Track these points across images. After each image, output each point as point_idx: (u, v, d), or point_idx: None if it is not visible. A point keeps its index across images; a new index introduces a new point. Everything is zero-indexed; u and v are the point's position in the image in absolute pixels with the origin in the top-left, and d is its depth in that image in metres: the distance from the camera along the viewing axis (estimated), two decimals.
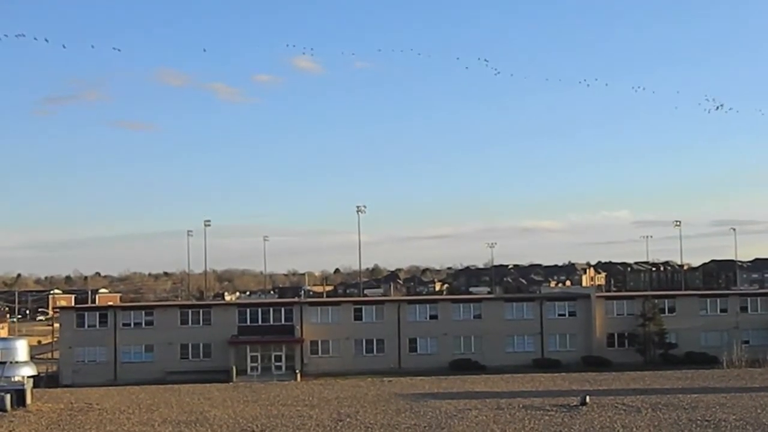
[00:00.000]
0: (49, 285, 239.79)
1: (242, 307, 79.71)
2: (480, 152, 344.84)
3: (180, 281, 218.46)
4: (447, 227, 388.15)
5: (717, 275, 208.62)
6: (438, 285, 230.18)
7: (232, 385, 57.60)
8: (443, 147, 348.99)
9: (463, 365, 72.55)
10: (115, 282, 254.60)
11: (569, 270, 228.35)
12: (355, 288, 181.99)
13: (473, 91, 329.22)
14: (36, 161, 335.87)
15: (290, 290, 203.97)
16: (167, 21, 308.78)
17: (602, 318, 78.56)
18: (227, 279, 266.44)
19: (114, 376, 71.71)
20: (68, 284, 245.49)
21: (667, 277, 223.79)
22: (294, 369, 71.12)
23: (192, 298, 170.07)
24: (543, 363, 74.09)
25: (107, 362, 73.43)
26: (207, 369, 70.70)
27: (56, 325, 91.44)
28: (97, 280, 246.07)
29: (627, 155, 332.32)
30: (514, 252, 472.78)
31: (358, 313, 77.53)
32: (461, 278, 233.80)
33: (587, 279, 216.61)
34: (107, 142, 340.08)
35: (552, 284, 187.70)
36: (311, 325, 75.62)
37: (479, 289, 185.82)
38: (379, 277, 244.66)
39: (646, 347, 75.89)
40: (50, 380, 67.66)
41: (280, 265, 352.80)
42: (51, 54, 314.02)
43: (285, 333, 74.91)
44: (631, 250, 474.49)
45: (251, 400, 44.13)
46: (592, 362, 72.82)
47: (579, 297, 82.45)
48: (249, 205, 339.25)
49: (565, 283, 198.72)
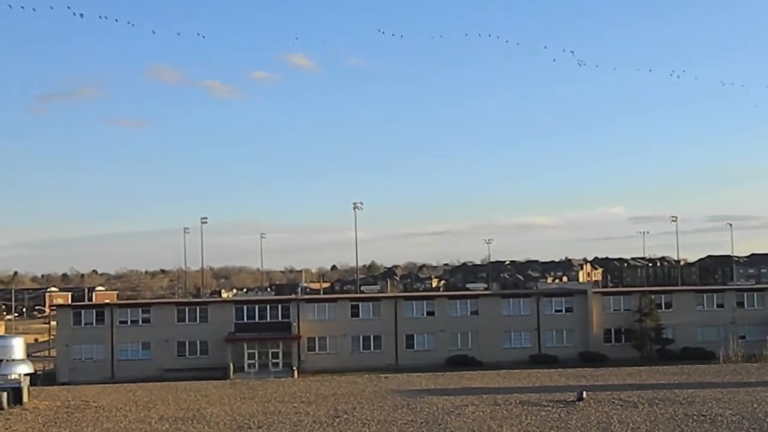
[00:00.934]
0: (46, 283, 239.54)
1: (239, 305, 79.67)
2: (476, 149, 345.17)
3: (177, 279, 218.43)
4: (444, 224, 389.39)
5: (713, 271, 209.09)
6: (435, 281, 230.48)
7: (229, 382, 57.59)
8: (439, 144, 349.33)
9: (460, 361, 72.63)
10: (112, 280, 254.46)
11: (566, 266, 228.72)
12: (352, 285, 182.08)
13: (468, 89, 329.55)
14: (32, 159, 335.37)
15: (287, 287, 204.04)
16: (162, 18, 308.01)
17: (599, 314, 78.69)
18: (224, 276, 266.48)
19: (111, 374, 71.65)
20: (65, 282, 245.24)
21: (664, 273, 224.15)
22: (291, 366, 71.15)
23: (189, 296, 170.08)
24: (540, 359, 74.20)
25: (104, 360, 73.38)
26: (204, 366, 70.71)
27: (53, 323, 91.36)
28: (94, 278, 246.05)
29: (622, 151, 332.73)
30: (511, 248, 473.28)
31: (355, 310, 77.55)
32: (458, 275, 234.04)
33: (584, 275, 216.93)
34: (103, 140, 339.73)
35: (549, 280, 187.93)
36: (308, 322, 75.64)
37: (476, 286, 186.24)
38: (376, 274, 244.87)
39: (643, 343, 76.01)
40: (47, 378, 67.66)
41: (277, 263, 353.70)
42: (46, 51, 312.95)
43: (282, 330, 74.91)
44: (628, 246, 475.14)
45: (248, 397, 44.14)
46: (589, 358, 72.96)
47: (576, 293, 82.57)
48: (245, 203, 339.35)
49: (562, 279, 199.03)
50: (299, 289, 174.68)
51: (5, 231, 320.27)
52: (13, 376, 41.51)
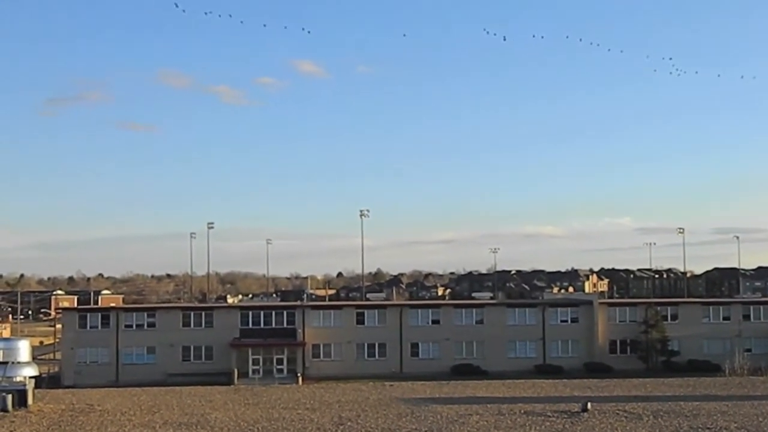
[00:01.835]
0: (52, 286, 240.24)
1: (244, 310, 79.81)
2: (483, 157, 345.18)
3: (182, 283, 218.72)
4: (450, 232, 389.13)
5: (720, 283, 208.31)
6: (440, 290, 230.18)
7: (234, 388, 57.57)
8: (446, 151, 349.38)
9: (465, 370, 72.52)
10: (118, 283, 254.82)
11: (572, 276, 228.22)
12: (358, 292, 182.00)
13: (475, 96, 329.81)
14: (39, 162, 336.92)
15: (293, 293, 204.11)
16: (171, 22, 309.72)
17: (604, 324, 78.50)
18: (230, 282, 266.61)
19: (116, 378, 71.81)
20: (71, 285, 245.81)
21: (670, 285, 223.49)
22: (296, 372, 71.15)
23: (194, 301, 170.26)
24: (545, 369, 74.02)
25: (109, 363, 73.57)
26: (208, 371, 70.78)
27: (58, 326, 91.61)
28: (100, 282, 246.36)
29: (630, 161, 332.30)
30: (517, 257, 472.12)
31: (360, 317, 77.56)
32: (464, 283, 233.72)
33: (590, 285, 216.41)
34: (111, 144, 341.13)
35: (554, 290, 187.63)
36: (313, 329, 75.66)
37: (482, 295, 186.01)
38: (382, 282, 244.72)
39: (649, 354, 75.79)
40: (52, 381, 67.73)
41: (283, 269, 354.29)
42: (54, 54, 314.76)
43: (287, 336, 74.95)
44: (634, 257, 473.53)
45: (252, 403, 44.15)
46: (594, 369, 72.74)
47: (581, 303, 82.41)
48: (252, 208, 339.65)
49: (568, 289, 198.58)
50: (305, 296, 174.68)
51: (12, 233, 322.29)
52: (18, 379, 41.52)
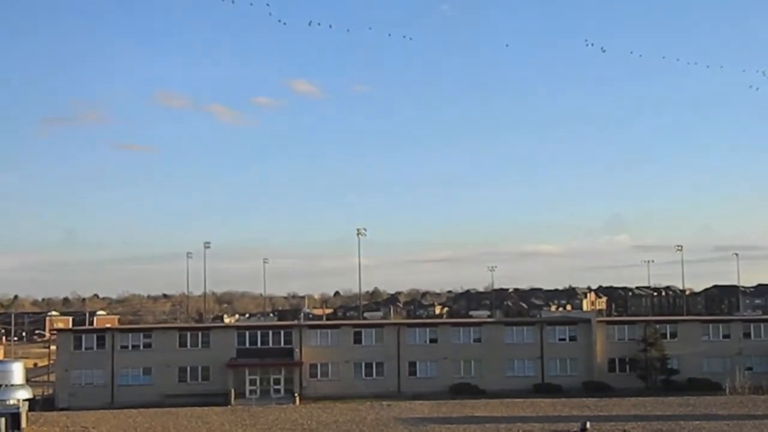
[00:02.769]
0: (47, 307, 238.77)
1: (241, 330, 79.25)
2: (480, 176, 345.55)
3: (179, 303, 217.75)
4: (447, 251, 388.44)
5: (720, 300, 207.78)
6: (438, 308, 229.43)
7: (230, 409, 57.05)
8: (443, 171, 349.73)
9: (463, 389, 71.98)
10: (114, 304, 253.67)
11: (570, 294, 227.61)
12: (355, 311, 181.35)
13: (472, 118, 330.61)
14: (35, 182, 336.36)
15: (290, 313, 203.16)
16: (168, 43, 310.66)
17: (603, 343, 78.03)
18: (227, 301, 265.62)
19: (111, 399, 71.11)
20: (66, 306, 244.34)
21: (669, 302, 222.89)
22: (293, 392, 70.56)
23: (191, 321, 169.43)
24: (543, 388, 73.49)
25: (104, 385, 72.82)
26: (205, 392, 70.14)
27: (53, 348, 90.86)
28: (95, 302, 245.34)
29: (628, 179, 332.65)
30: (515, 276, 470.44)
31: (358, 337, 77.04)
32: (461, 302, 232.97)
33: (588, 303, 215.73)
34: (107, 164, 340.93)
35: (552, 308, 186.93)
36: (310, 348, 75.13)
37: (479, 313, 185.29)
38: (379, 301, 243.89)
39: (648, 373, 75.29)
40: (46, 403, 67.13)
41: (280, 288, 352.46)
42: (51, 75, 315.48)
43: (284, 356, 74.39)
44: (633, 275, 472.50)
45: (249, 424, 43.68)
46: (593, 387, 72.22)
47: (580, 321, 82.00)
48: (249, 228, 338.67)
49: (566, 308, 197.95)
50: (302, 315, 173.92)
51: (6, 254, 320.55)
52: (12, 402, 41.18)
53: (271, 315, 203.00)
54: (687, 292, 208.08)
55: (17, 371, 42.53)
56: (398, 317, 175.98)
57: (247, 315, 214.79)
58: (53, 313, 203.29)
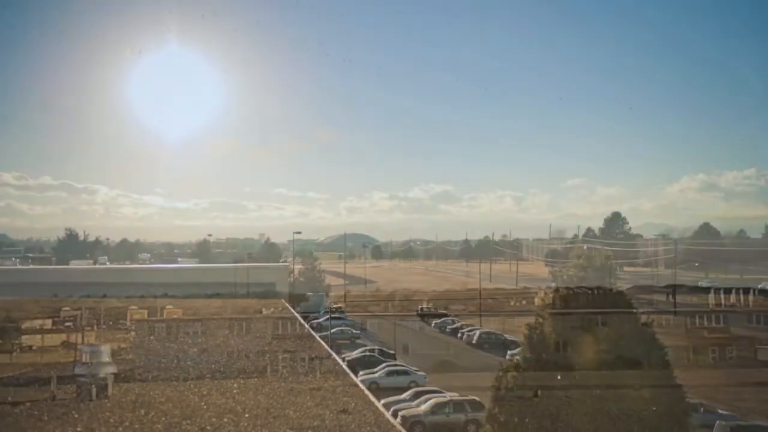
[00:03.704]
0: (128, 302, 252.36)
1: None
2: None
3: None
4: None
5: None
6: None
7: None
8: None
9: None
10: (179, 299, 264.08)
11: None
12: None
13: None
14: None
15: None
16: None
17: None
18: None
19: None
20: (142, 301, 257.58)
21: None
22: None
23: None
24: None
25: None
26: None
27: (133, 334, 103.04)
28: (165, 299, 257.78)
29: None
30: None
31: None
32: None
33: None
34: None
35: None
36: None
37: None
38: None
39: None
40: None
41: None
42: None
43: None
44: None
45: None
46: None
47: None
48: None
49: None
50: None
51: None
52: (102, 375, 52.87)
53: None
54: None
55: (105, 352, 54.04)
56: None
57: None
58: (132, 308, 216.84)
